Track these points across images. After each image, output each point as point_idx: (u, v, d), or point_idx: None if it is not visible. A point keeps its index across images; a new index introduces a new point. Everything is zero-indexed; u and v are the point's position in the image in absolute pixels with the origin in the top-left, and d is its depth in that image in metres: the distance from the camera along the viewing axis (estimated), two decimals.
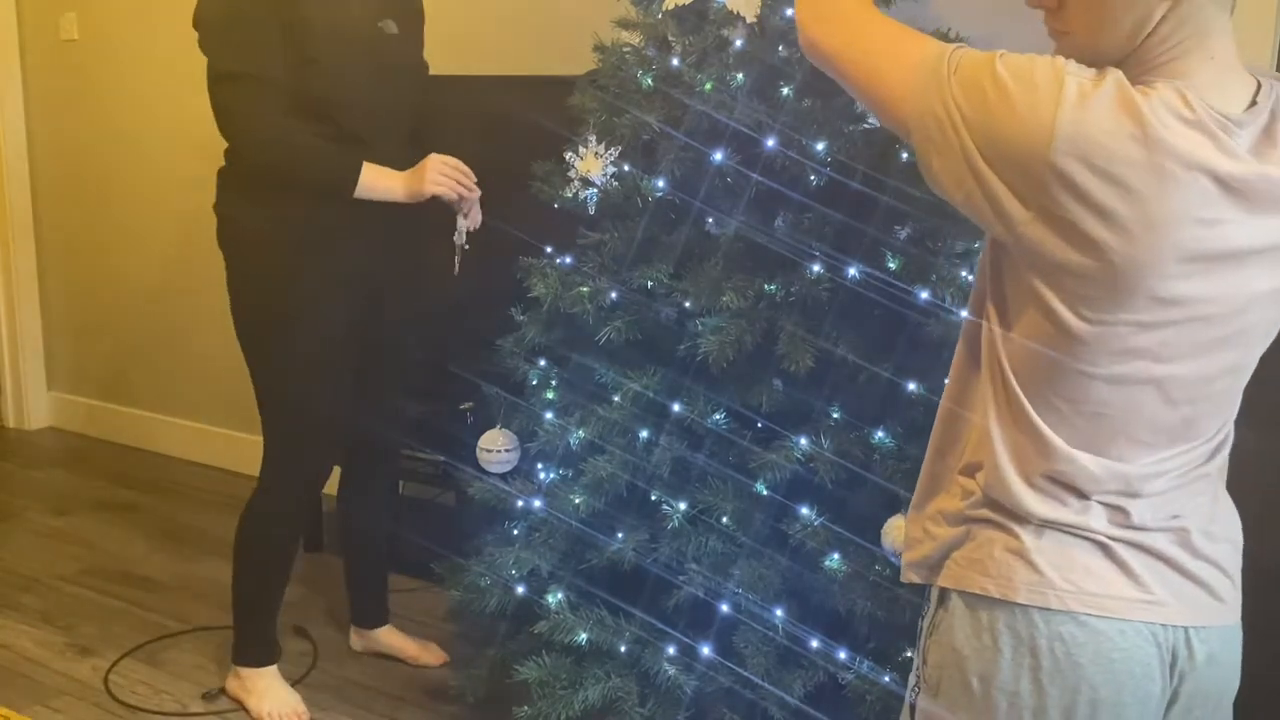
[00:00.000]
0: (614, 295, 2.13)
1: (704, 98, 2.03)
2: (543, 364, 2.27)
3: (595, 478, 2.10)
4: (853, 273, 1.97)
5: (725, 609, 2.01)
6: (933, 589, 1.23)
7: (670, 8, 2.12)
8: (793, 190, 2.03)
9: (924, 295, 1.94)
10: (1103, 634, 1.12)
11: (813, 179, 2.02)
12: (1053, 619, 1.12)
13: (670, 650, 2.05)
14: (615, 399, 2.13)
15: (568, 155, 2.19)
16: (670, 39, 2.16)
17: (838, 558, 1.97)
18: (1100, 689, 1.12)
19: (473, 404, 2.79)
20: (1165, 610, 1.14)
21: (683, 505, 2.05)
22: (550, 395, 2.24)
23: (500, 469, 2.31)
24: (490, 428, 2.33)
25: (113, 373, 4.29)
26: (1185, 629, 1.14)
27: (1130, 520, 1.14)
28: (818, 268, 1.98)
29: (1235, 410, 1.20)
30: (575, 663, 2.11)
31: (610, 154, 2.14)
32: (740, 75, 2.04)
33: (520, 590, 2.18)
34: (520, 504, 2.23)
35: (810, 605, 2.03)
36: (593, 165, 2.15)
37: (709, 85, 2.04)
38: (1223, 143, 1.03)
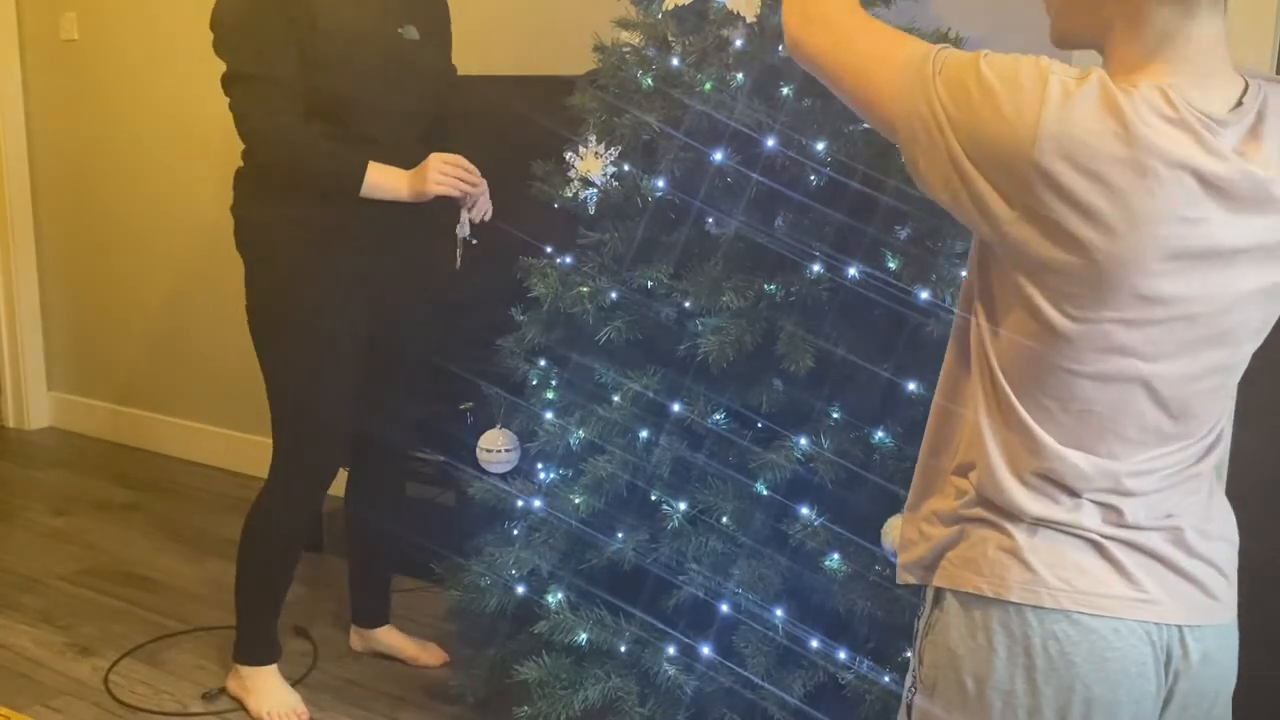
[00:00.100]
0: (614, 295, 2.13)
1: (704, 98, 2.04)
2: (543, 364, 2.27)
3: (595, 478, 2.10)
4: (853, 273, 1.98)
5: (725, 609, 2.01)
6: (928, 589, 1.23)
7: (670, 8, 2.12)
8: (793, 190, 2.03)
9: (924, 295, 1.94)
10: (1096, 633, 1.11)
11: (813, 179, 2.02)
12: (1046, 618, 1.12)
13: (670, 650, 2.06)
14: (615, 399, 2.13)
15: (568, 155, 2.19)
16: (670, 39, 2.16)
17: (838, 558, 1.98)
18: (1094, 688, 1.11)
19: (473, 404, 2.79)
20: (1159, 609, 1.13)
21: (683, 505, 2.05)
22: (550, 395, 2.24)
23: (500, 469, 2.31)
24: (490, 428, 2.33)
25: (113, 373, 4.29)
26: (1180, 628, 1.14)
27: (1124, 519, 1.14)
28: (818, 268, 1.99)
29: (1227, 409, 1.19)
30: (575, 663, 2.11)
31: (610, 154, 2.14)
32: (740, 75, 2.04)
33: (520, 590, 2.18)
34: (520, 504, 2.23)
35: (810, 605, 2.03)
36: (593, 165, 2.15)
37: (709, 85, 2.04)
38: (1206, 141, 1.04)
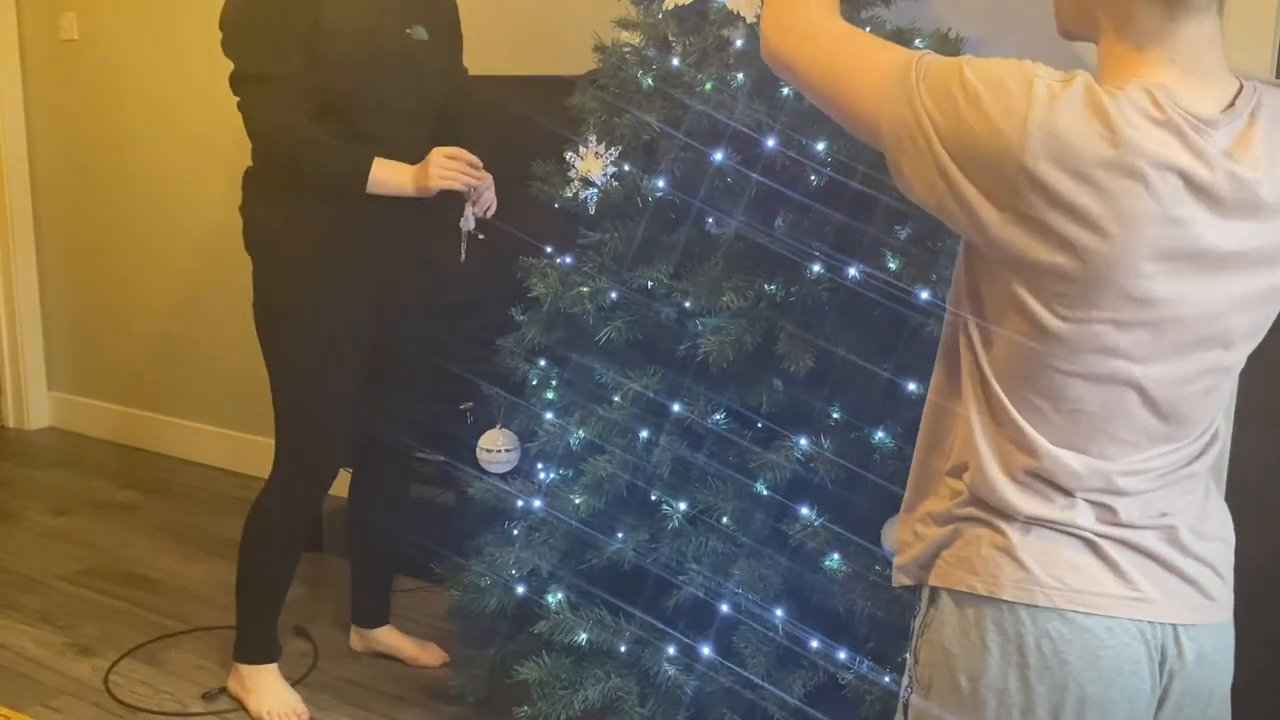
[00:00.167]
0: (614, 295, 2.13)
1: (704, 98, 2.03)
2: (543, 364, 2.27)
3: (595, 478, 2.10)
4: (853, 273, 1.97)
5: (725, 609, 2.01)
6: (924, 589, 1.23)
7: (670, 8, 2.12)
8: (793, 190, 2.03)
9: (924, 295, 1.94)
10: (1090, 631, 1.11)
11: (813, 179, 2.02)
12: (1039, 616, 1.12)
13: (670, 650, 2.05)
14: (615, 399, 2.13)
15: (568, 155, 2.19)
16: (670, 39, 2.16)
17: (838, 558, 1.97)
18: (1088, 686, 1.11)
19: (473, 404, 2.79)
20: (1153, 608, 1.13)
21: (683, 505, 2.05)
22: (550, 395, 2.24)
23: (500, 469, 2.31)
24: (490, 428, 2.33)
25: (113, 373, 4.29)
26: (1174, 627, 1.14)
27: (1118, 518, 1.14)
28: (818, 268, 1.98)
29: (1221, 411, 1.19)
30: (575, 663, 2.11)
31: (610, 154, 2.14)
32: (740, 75, 2.04)
33: (520, 590, 2.18)
34: (520, 504, 2.23)
35: (810, 605, 2.03)
36: (593, 165, 2.15)
37: (709, 85, 2.04)
38: (1193, 142, 1.04)
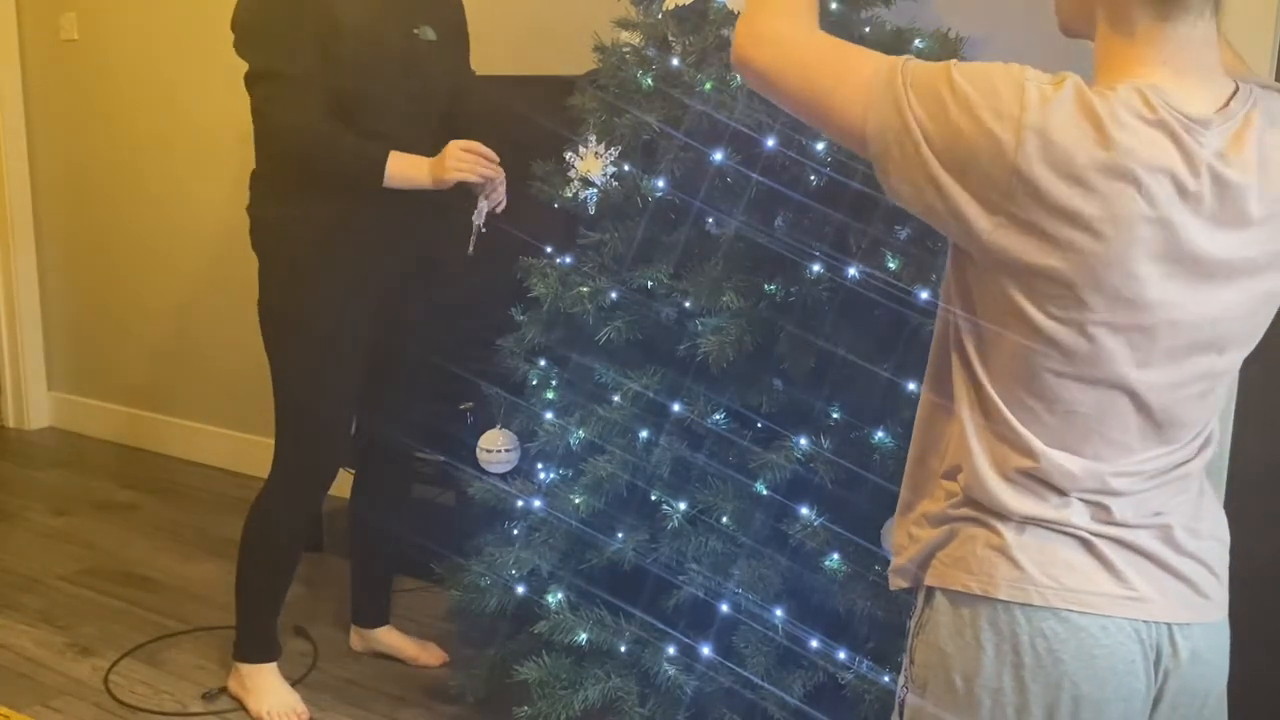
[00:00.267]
0: (614, 295, 2.13)
1: (704, 98, 2.03)
2: (543, 364, 2.27)
3: (595, 478, 2.10)
4: (853, 273, 1.97)
5: (725, 609, 2.01)
6: (920, 589, 1.23)
7: (670, 8, 2.12)
8: (793, 190, 2.03)
9: (924, 295, 1.93)
10: (1084, 630, 1.11)
11: (813, 179, 2.02)
12: (1034, 615, 1.12)
13: (670, 650, 2.05)
14: (615, 399, 2.13)
15: (568, 155, 2.19)
16: (670, 39, 2.16)
17: (838, 558, 1.97)
18: (1083, 685, 1.11)
19: (473, 404, 2.79)
20: (1148, 606, 1.13)
21: (683, 505, 2.05)
22: (550, 395, 2.24)
23: (500, 469, 2.31)
24: (490, 428, 2.33)
25: (113, 373, 4.29)
26: (1169, 625, 1.14)
27: (1112, 516, 1.13)
28: (818, 268, 1.98)
29: (1216, 413, 1.19)
30: (575, 663, 2.11)
31: (610, 154, 2.14)
32: (740, 75, 2.03)
33: (520, 590, 2.18)
34: (520, 504, 2.23)
35: (810, 605, 2.03)
36: (593, 165, 2.15)
37: (709, 85, 2.04)
38: (1184, 143, 1.03)
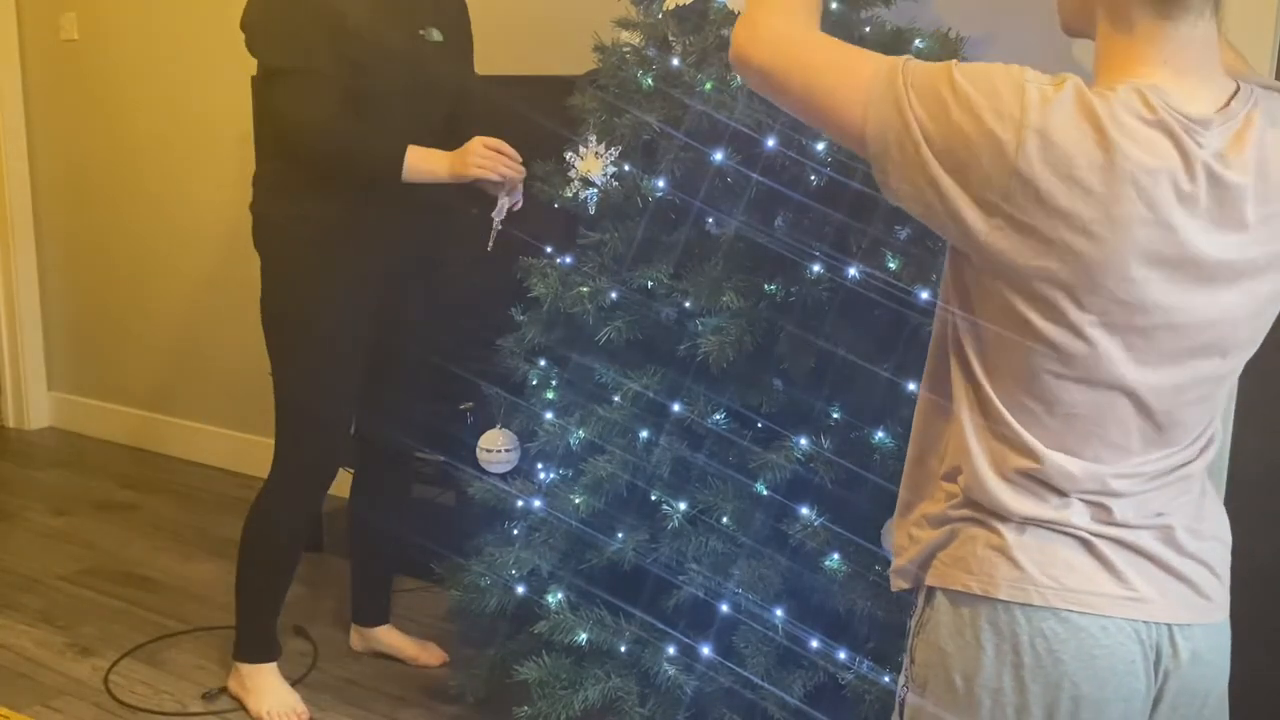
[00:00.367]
0: (614, 295, 2.13)
1: (704, 98, 2.03)
2: (543, 364, 2.27)
3: (595, 478, 2.10)
4: (853, 273, 1.97)
5: (725, 609, 2.01)
6: (920, 588, 1.23)
7: (670, 8, 2.12)
8: (793, 190, 2.02)
9: (924, 295, 1.93)
10: (1085, 630, 1.11)
11: (813, 179, 2.02)
12: (1034, 615, 1.12)
13: (670, 650, 2.05)
14: (615, 399, 2.13)
15: (568, 155, 2.19)
16: (670, 39, 2.16)
17: (838, 558, 1.97)
18: (1082, 685, 1.11)
19: (473, 404, 2.79)
20: (1148, 607, 1.13)
21: (683, 505, 2.05)
22: (550, 395, 2.24)
23: (500, 469, 2.31)
24: (490, 428, 2.33)
25: (113, 372, 4.29)
26: (1169, 626, 1.14)
27: (1113, 517, 1.13)
28: (818, 268, 1.98)
29: (1216, 416, 1.19)
30: (575, 663, 2.11)
31: (610, 154, 2.14)
32: (739, 74, 2.03)
33: (520, 590, 2.18)
34: (520, 504, 2.23)
35: (810, 605, 2.03)
36: (593, 165, 2.15)
37: (709, 85, 2.04)
38: (1183, 144, 1.03)
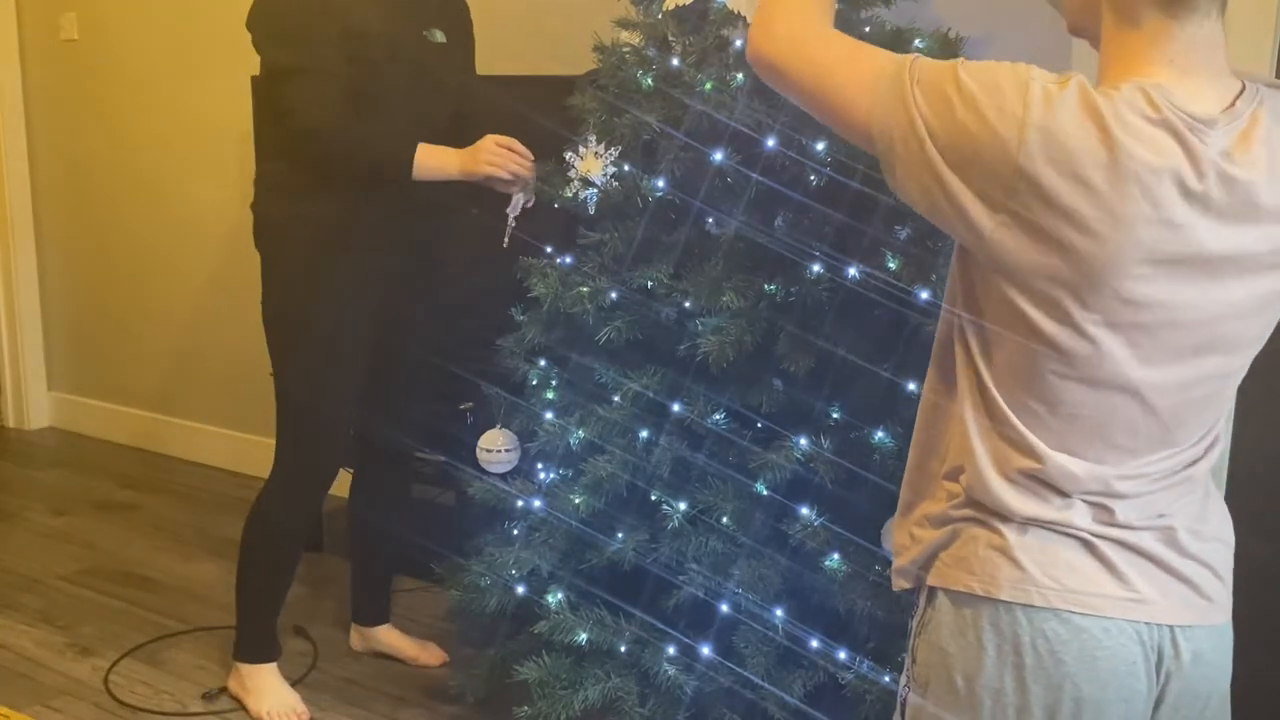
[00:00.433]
0: (614, 295, 2.13)
1: (704, 98, 2.03)
2: (543, 364, 2.27)
3: (595, 478, 2.10)
4: (853, 273, 1.97)
5: (725, 609, 2.01)
6: (922, 588, 1.23)
7: (670, 8, 2.12)
8: (793, 190, 2.03)
9: (924, 295, 1.93)
10: (1086, 631, 1.11)
11: (813, 179, 2.02)
12: (1036, 616, 1.12)
13: (670, 650, 2.05)
14: (615, 399, 2.13)
15: (568, 155, 2.19)
16: (670, 39, 2.16)
17: (838, 558, 1.97)
18: (1084, 687, 1.11)
19: (473, 404, 2.79)
20: (1150, 609, 1.13)
21: (683, 505, 2.05)
22: (550, 395, 2.24)
23: (500, 469, 2.31)
24: (490, 428, 2.33)
25: (113, 372, 4.29)
26: (1171, 628, 1.14)
27: (1115, 518, 1.13)
28: (818, 268, 1.98)
29: (1222, 415, 1.18)
30: (575, 663, 2.11)
31: (610, 154, 2.14)
32: (740, 75, 2.03)
33: (520, 590, 2.18)
34: (520, 504, 2.23)
35: (810, 605, 2.03)
36: (593, 165, 2.15)
37: (709, 85, 2.04)
38: (1189, 142, 1.03)
